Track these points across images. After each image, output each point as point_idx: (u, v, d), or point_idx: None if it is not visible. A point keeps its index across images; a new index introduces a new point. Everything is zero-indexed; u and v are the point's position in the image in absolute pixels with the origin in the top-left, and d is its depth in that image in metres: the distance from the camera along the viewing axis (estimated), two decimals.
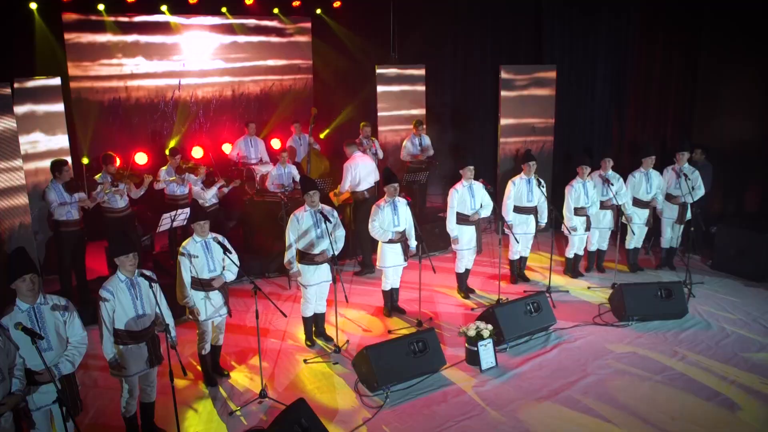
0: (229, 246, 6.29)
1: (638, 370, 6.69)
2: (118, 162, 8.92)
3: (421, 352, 6.54)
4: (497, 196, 8.99)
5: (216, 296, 6.36)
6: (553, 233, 8.94)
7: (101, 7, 10.79)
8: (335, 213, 7.17)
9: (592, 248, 9.42)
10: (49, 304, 4.79)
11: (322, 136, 13.57)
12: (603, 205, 9.10)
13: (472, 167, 8.26)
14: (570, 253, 9.27)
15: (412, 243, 7.81)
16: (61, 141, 9.24)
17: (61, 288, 8.16)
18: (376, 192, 9.92)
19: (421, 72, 12.07)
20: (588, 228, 9.04)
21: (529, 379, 6.58)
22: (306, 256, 7.02)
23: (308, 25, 13.34)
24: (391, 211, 7.64)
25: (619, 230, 9.12)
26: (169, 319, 5.42)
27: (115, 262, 5.32)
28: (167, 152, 11.72)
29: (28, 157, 8.82)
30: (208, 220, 6.25)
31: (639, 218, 9.21)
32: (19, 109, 8.63)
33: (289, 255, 7.00)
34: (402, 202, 7.70)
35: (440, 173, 12.17)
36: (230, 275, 6.39)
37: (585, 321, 7.87)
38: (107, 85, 11.34)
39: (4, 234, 7.05)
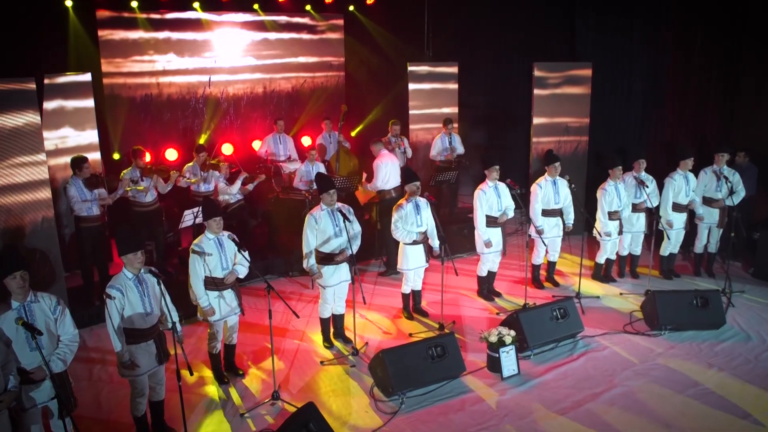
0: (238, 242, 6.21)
1: (669, 383, 6.36)
2: (147, 157, 8.97)
3: (439, 357, 6.32)
4: (528, 197, 8.69)
5: (229, 295, 6.27)
6: (584, 236, 8.61)
7: (134, 4, 10.84)
8: (352, 210, 7.01)
9: (624, 252, 9.06)
10: (40, 301, 4.74)
11: (353, 134, 13.45)
12: (636, 208, 8.73)
13: (497, 167, 8.01)
14: (601, 258, 8.92)
15: (435, 243, 7.59)
16: (90, 136, 9.28)
17: (83, 283, 8.20)
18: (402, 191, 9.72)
19: (454, 70, 11.82)
20: (620, 232, 8.68)
21: (553, 388, 6.30)
22: (325, 256, 6.87)
23: (341, 21, 13.23)
24: (414, 212, 7.44)
25: (654, 234, 8.74)
26: (175, 316, 5.34)
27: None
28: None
29: (59, 152, 8.90)
30: (221, 216, 6.14)
31: (677, 223, 8.81)
32: (49, 105, 8.70)
33: (309, 257, 6.84)
34: (424, 202, 7.49)
35: (472, 173, 11.89)
36: (242, 269, 6.28)
37: (615, 329, 7.54)
38: (139, 81, 11.40)
39: (28, 228, 7.07)
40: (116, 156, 11.00)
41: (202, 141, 11.90)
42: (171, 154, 11.40)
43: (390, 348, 6.31)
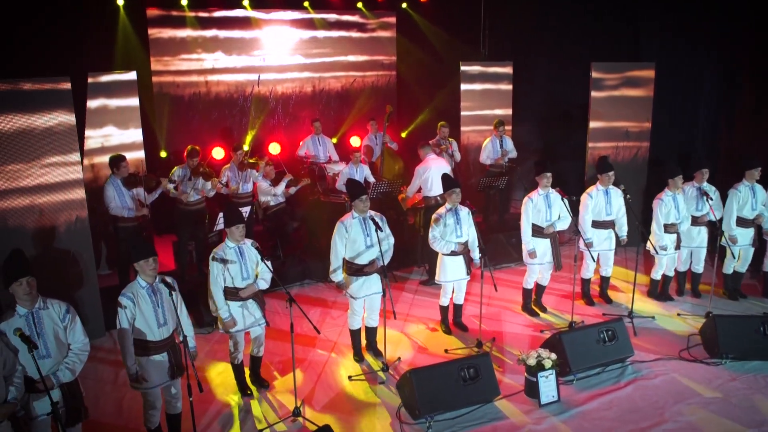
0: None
1: (728, 420, 5.74)
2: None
3: (471, 380, 5.90)
4: (578, 205, 8.14)
5: (253, 305, 6.02)
6: (640, 248, 7.97)
7: (184, 2, 10.80)
8: (384, 218, 6.66)
9: (683, 268, 8.38)
10: (49, 308, 4.58)
11: (403, 134, 13.10)
12: (697, 221, 8.07)
13: (549, 174, 7.52)
14: (656, 274, 8.28)
15: (476, 255, 7.17)
16: (134, 135, 9.27)
17: (119, 282, 8.14)
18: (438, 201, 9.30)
19: (508, 70, 11.32)
20: (678, 246, 8.03)
21: (595, 419, 5.79)
22: (354, 267, 6.55)
23: (392, 19, 12.88)
24: (453, 221, 7.03)
25: (717, 250, 8.04)
26: (188, 330, 5.13)
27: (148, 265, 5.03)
28: (244, 148, 11.73)
29: (104, 150, 8.91)
30: (243, 223, 5.90)
31: (743, 239, 8.09)
32: (92, 103, 8.72)
33: (335, 265, 6.54)
34: (465, 211, 7.07)
35: (519, 176, 11.33)
36: (263, 283, 6.02)
37: (669, 354, 6.93)
38: (187, 79, 11.36)
39: (61, 227, 7.03)
40: (163, 154, 11.00)
41: (248, 140, 11.81)
42: (218, 153, 11.32)
43: (419, 368, 5.93)
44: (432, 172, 8.91)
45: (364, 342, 7.05)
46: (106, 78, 8.86)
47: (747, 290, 8.55)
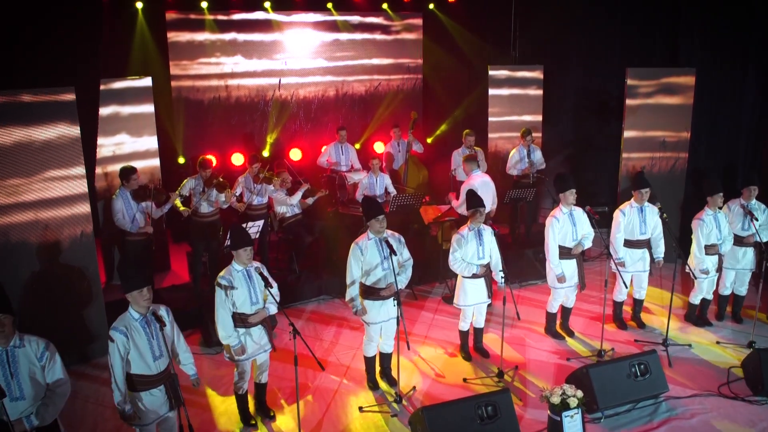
0: (269, 278, 5.58)
1: None
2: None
3: (490, 419, 5.47)
4: (610, 217, 7.63)
5: (258, 331, 5.67)
6: (676, 267, 7.41)
7: (204, 4, 10.53)
8: (402, 240, 6.25)
9: (725, 292, 7.81)
10: (26, 346, 4.28)
11: (429, 140, 12.66)
12: (743, 242, 7.49)
13: (573, 191, 7.03)
14: (695, 299, 7.72)
15: (498, 278, 6.72)
16: (148, 142, 9.00)
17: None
18: (491, 217, 8.86)
19: (538, 74, 10.78)
20: (719, 268, 7.46)
21: None
22: (371, 291, 6.15)
23: (418, 21, 12.42)
24: (476, 241, 6.59)
25: (763, 273, 7.45)
26: (187, 358, 4.88)
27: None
28: (264, 154, 11.45)
29: (116, 159, 8.67)
30: (251, 246, 5.55)
31: None
32: (105, 110, 8.47)
33: (353, 292, 6.15)
34: (488, 231, 6.63)
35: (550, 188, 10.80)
36: (273, 308, 5.69)
37: (707, 390, 6.39)
38: (207, 84, 11.11)
39: (65, 243, 6.79)
40: (181, 160, 10.76)
41: (268, 145, 11.51)
42: (237, 159, 11.08)
43: (432, 406, 5.51)
44: (479, 189, 8.44)
45: (378, 368, 6.66)
46: (119, 84, 8.59)
47: None
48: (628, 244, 7.39)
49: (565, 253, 7.09)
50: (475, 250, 6.59)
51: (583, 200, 7.44)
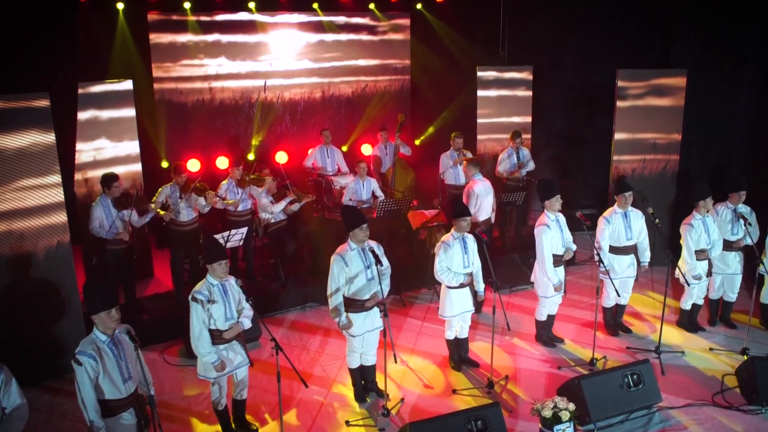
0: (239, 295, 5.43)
1: None
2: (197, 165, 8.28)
3: None
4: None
5: (237, 346, 5.48)
6: (668, 272, 7.28)
7: (187, 5, 10.31)
8: (381, 247, 6.08)
9: (715, 296, 7.69)
10: None
11: (417, 142, 12.50)
12: (732, 246, 7.37)
13: (558, 197, 6.87)
14: (686, 304, 7.60)
15: (480, 288, 6.57)
16: (129, 147, 8.78)
17: (123, 302, 7.69)
18: (491, 223, 8.70)
19: (528, 75, 10.63)
20: (709, 273, 7.33)
21: None
22: (354, 303, 5.97)
23: (405, 21, 12.25)
24: (461, 250, 6.42)
25: (756, 279, 7.34)
26: (149, 380, 4.65)
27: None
28: (249, 157, 11.24)
29: (96, 164, 8.45)
30: (227, 259, 5.35)
31: None
32: (83, 115, 8.24)
33: (336, 302, 5.95)
34: (471, 239, 6.46)
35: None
36: (247, 322, 5.48)
37: (701, 399, 6.26)
38: (191, 86, 10.90)
39: (41, 254, 6.56)
40: (165, 164, 10.54)
41: (253, 148, 11.31)
42: (222, 162, 10.84)
43: (420, 421, 5.34)
44: (481, 197, 8.30)
45: (363, 381, 6.47)
46: (98, 88, 8.36)
47: None
48: (615, 250, 7.24)
49: (557, 261, 6.94)
50: (461, 259, 6.43)
51: (573, 203, 7.32)
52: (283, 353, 4.96)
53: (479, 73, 10.52)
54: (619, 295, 7.24)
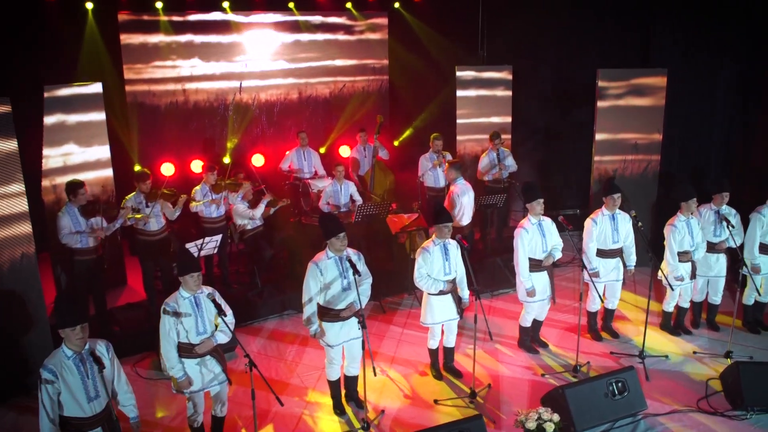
0: (223, 304, 5.18)
1: None
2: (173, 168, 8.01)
3: None
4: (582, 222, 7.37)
5: (209, 362, 5.26)
6: (652, 274, 7.18)
7: (159, 5, 10.04)
8: (361, 256, 5.90)
9: (698, 298, 7.61)
10: None
11: (396, 143, 12.33)
12: (715, 248, 7.28)
13: (541, 200, 6.72)
14: (668, 306, 7.51)
15: (464, 294, 6.41)
16: (98, 152, 8.53)
17: (94, 312, 7.47)
18: (471, 227, 8.54)
19: (508, 74, 10.50)
20: (693, 275, 7.24)
21: None
22: (329, 312, 5.79)
23: (383, 21, 12.06)
24: (442, 256, 6.26)
25: (740, 281, 7.27)
26: (128, 399, 4.47)
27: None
28: (225, 160, 10.99)
29: (66, 170, 8.17)
30: (200, 271, 5.14)
31: (766, 267, 7.32)
32: (49, 120, 7.96)
33: (309, 312, 5.77)
34: (454, 245, 6.30)
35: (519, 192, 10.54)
36: (223, 337, 5.25)
37: (686, 405, 6.16)
38: (163, 88, 10.64)
39: (5, 266, 6.29)
40: (138, 168, 10.23)
41: (229, 151, 11.07)
42: (196, 166, 10.59)
43: None
44: (465, 202, 8.16)
45: (344, 391, 6.30)
46: (65, 91, 8.08)
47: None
48: (601, 253, 7.13)
49: (535, 265, 6.80)
50: (441, 266, 6.26)
51: (554, 203, 7.20)
52: (257, 369, 4.76)
53: (458, 73, 10.38)
54: (602, 300, 7.14)
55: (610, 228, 7.06)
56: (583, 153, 9.78)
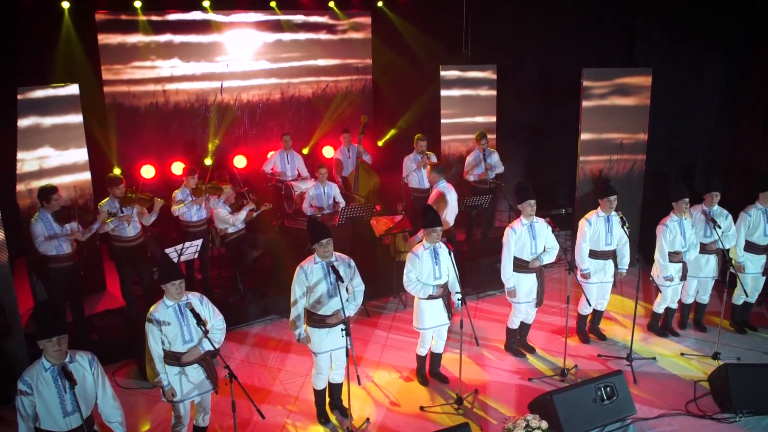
0: (212, 308, 5.05)
1: None
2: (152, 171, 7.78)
3: None
4: (574, 222, 7.25)
5: (195, 371, 5.11)
6: (639, 275, 7.12)
7: (138, 4, 9.83)
8: (353, 264, 5.77)
9: (688, 300, 7.55)
10: None
11: (380, 143, 12.21)
12: (706, 249, 7.22)
13: (532, 202, 6.62)
14: (659, 308, 7.46)
15: (456, 299, 6.30)
16: (75, 155, 8.30)
17: (72, 319, 7.26)
18: (452, 231, 8.42)
19: (492, 74, 10.41)
20: (684, 276, 7.18)
21: None
22: (315, 318, 5.66)
23: (366, 20, 11.92)
24: (432, 260, 6.14)
25: (728, 281, 7.22)
26: (115, 415, 4.37)
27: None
28: (206, 162, 10.80)
29: (42, 174, 7.96)
30: (182, 278, 4.98)
31: (753, 266, 7.28)
32: (23, 122, 7.74)
33: (294, 314, 5.65)
34: (443, 249, 6.19)
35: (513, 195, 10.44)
36: (209, 345, 5.09)
37: (675, 408, 6.10)
38: (143, 89, 10.42)
39: None
40: (117, 171, 10.04)
41: (210, 153, 10.88)
42: (177, 168, 10.41)
43: None
44: (449, 206, 8.02)
45: (328, 399, 6.17)
46: (40, 93, 7.87)
47: (755, 320, 7.75)
48: (593, 254, 7.05)
49: (521, 266, 6.71)
50: (431, 270, 6.15)
51: (541, 203, 7.11)
52: (237, 381, 4.62)
53: (442, 73, 10.28)
54: (590, 305, 7.06)
55: (603, 229, 6.98)
56: (569, 152, 9.70)
